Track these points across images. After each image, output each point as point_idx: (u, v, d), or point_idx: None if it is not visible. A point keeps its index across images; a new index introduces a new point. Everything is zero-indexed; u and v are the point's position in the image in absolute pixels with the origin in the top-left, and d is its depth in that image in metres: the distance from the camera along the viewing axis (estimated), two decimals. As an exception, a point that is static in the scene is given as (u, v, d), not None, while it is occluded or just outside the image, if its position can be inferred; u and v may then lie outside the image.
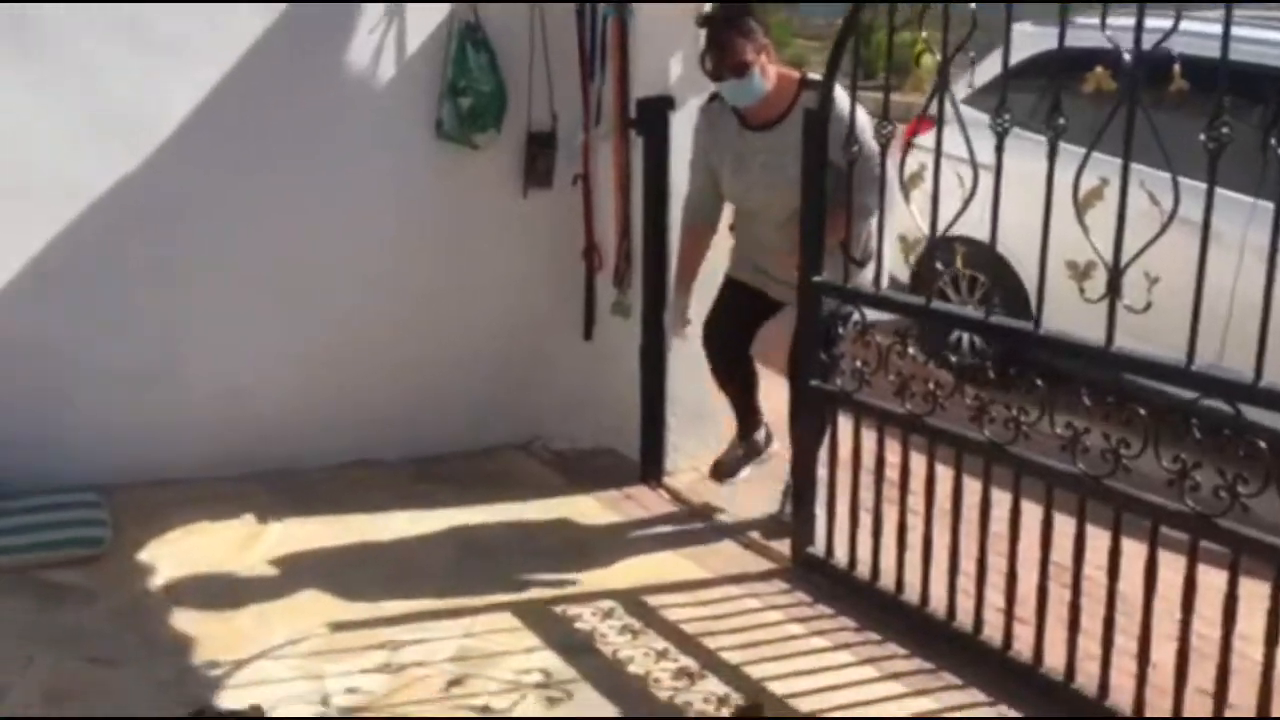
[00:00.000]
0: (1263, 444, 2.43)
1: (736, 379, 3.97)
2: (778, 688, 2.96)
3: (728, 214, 3.95)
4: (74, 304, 3.91)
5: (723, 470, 4.00)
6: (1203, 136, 2.39)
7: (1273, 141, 2.36)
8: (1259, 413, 2.48)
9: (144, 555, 3.60)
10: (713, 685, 3.00)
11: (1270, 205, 2.57)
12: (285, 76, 3.98)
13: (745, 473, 4.01)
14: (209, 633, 3.15)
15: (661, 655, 3.12)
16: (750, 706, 2.70)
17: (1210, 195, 2.44)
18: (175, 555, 3.60)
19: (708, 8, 3.71)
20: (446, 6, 4.13)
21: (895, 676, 3.05)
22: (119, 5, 3.75)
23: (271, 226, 4.08)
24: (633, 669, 3.06)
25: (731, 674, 3.04)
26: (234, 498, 3.97)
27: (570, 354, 4.49)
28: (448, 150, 4.22)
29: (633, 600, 3.39)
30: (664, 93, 4.07)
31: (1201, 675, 2.62)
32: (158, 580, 3.46)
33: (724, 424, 4.27)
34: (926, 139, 3.23)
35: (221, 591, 3.40)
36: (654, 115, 4.09)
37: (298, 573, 3.52)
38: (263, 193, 4.05)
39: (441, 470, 4.32)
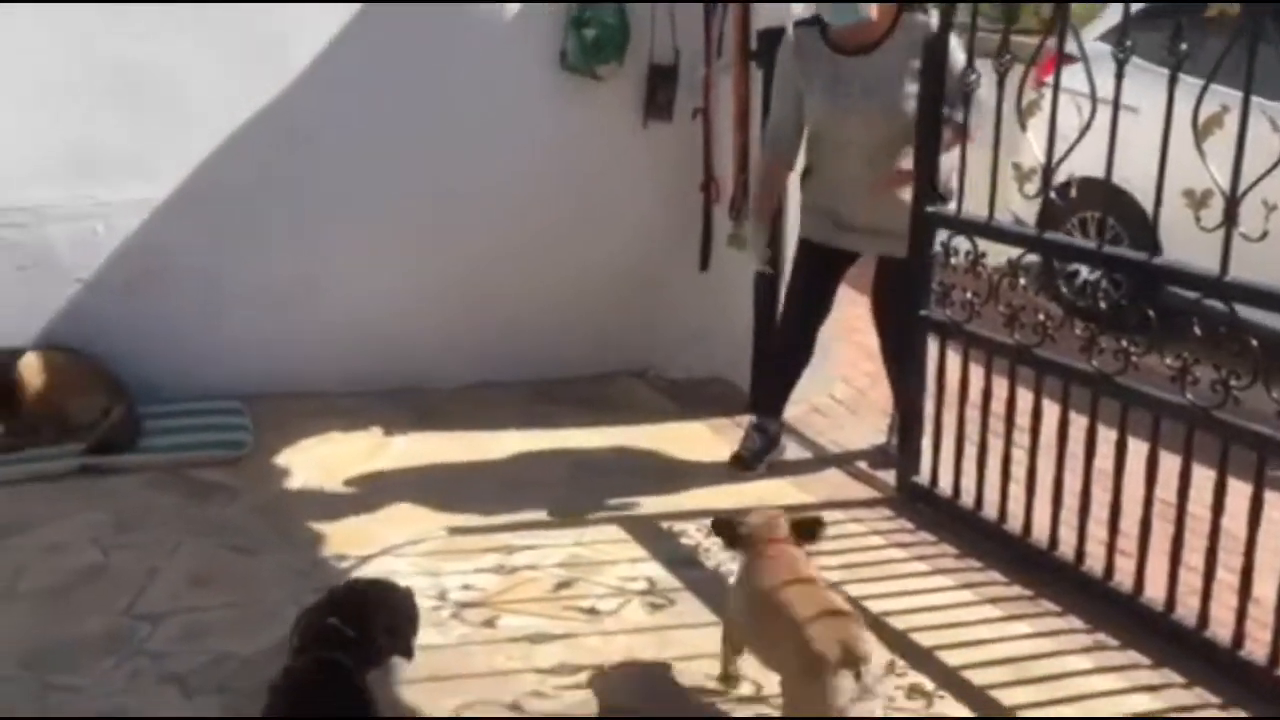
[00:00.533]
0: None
1: (793, 364, 3.93)
2: (874, 606, 3.03)
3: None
4: (222, 226, 4.17)
5: (744, 462, 3.85)
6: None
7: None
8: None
9: (281, 459, 3.86)
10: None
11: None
12: (419, 10, 4.12)
13: (763, 466, 3.86)
14: (338, 529, 3.38)
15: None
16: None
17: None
18: (310, 460, 3.85)
19: None
20: (571, -62, 4.22)
21: (993, 601, 3.10)
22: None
23: (403, 155, 4.26)
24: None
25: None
26: (363, 411, 4.21)
27: (686, 285, 4.58)
28: (571, 81, 4.33)
29: (737, 520, 3.50)
30: (785, 25, 4.08)
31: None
32: (294, 481, 3.72)
33: (837, 357, 4.31)
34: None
35: (350, 494, 3.63)
36: (775, 48, 4.11)
37: (420, 481, 3.73)
38: (396, 123, 4.23)
39: (558, 394, 4.48)
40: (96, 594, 3.00)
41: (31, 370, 3.85)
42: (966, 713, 2.62)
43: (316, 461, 3.85)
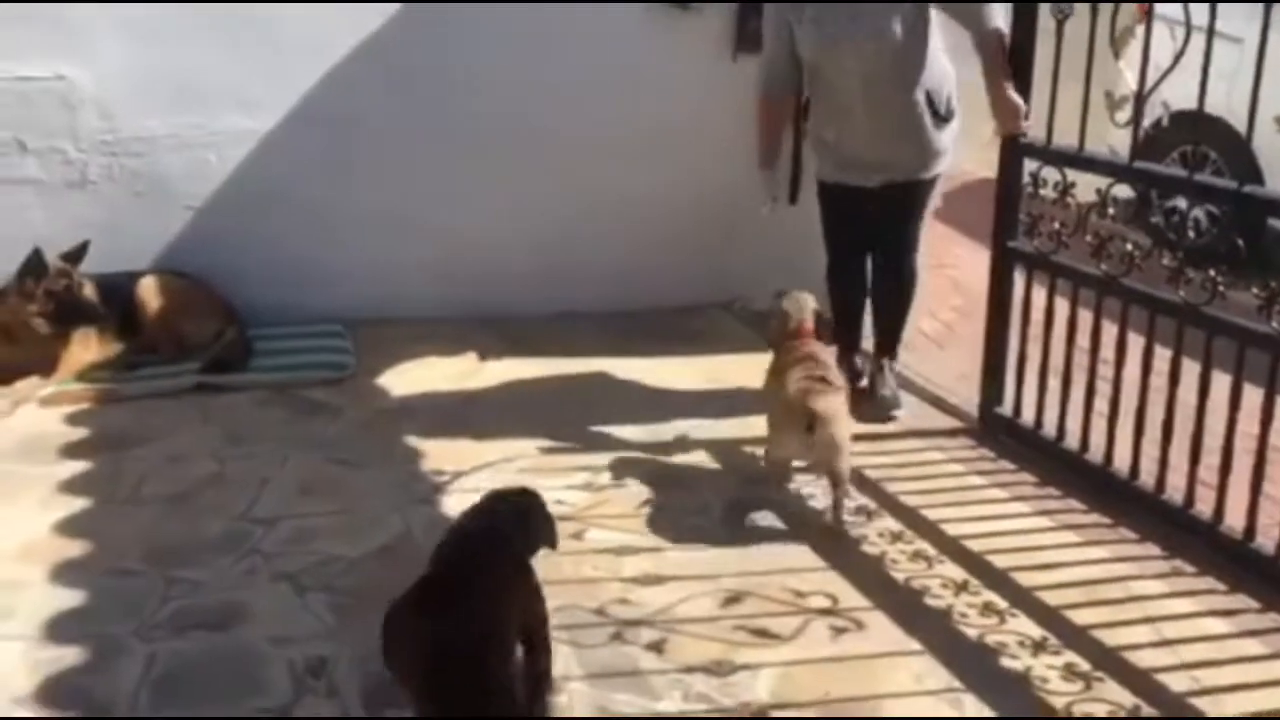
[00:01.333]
0: None
1: (849, 303, 3.98)
2: (951, 529, 3.10)
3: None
4: (325, 158, 4.34)
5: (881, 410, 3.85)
6: None
7: None
8: None
9: (382, 380, 4.04)
10: (889, 523, 3.18)
11: None
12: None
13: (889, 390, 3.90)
14: (435, 446, 3.55)
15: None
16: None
17: None
18: (408, 382, 4.03)
19: None
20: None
21: (1071, 528, 3.14)
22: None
23: (495, 91, 4.38)
24: (812, 504, 3.26)
25: (908, 515, 3.21)
26: (458, 337, 4.37)
27: (774, 217, 4.60)
28: (661, 12, 4.37)
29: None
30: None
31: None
32: (393, 401, 3.90)
33: (924, 290, 4.34)
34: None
35: (447, 414, 3.79)
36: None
37: (512, 403, 3.88)
38: (488, 59, 4.34)
39: (646, 324, 4.58)
40: (213, 500, 3.21)
41: (150, 292, 4.08)
42: (1034, 628, 2.69)
43: (414, 383, 4.03)
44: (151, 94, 4.15)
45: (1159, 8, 2.98)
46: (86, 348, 3.97)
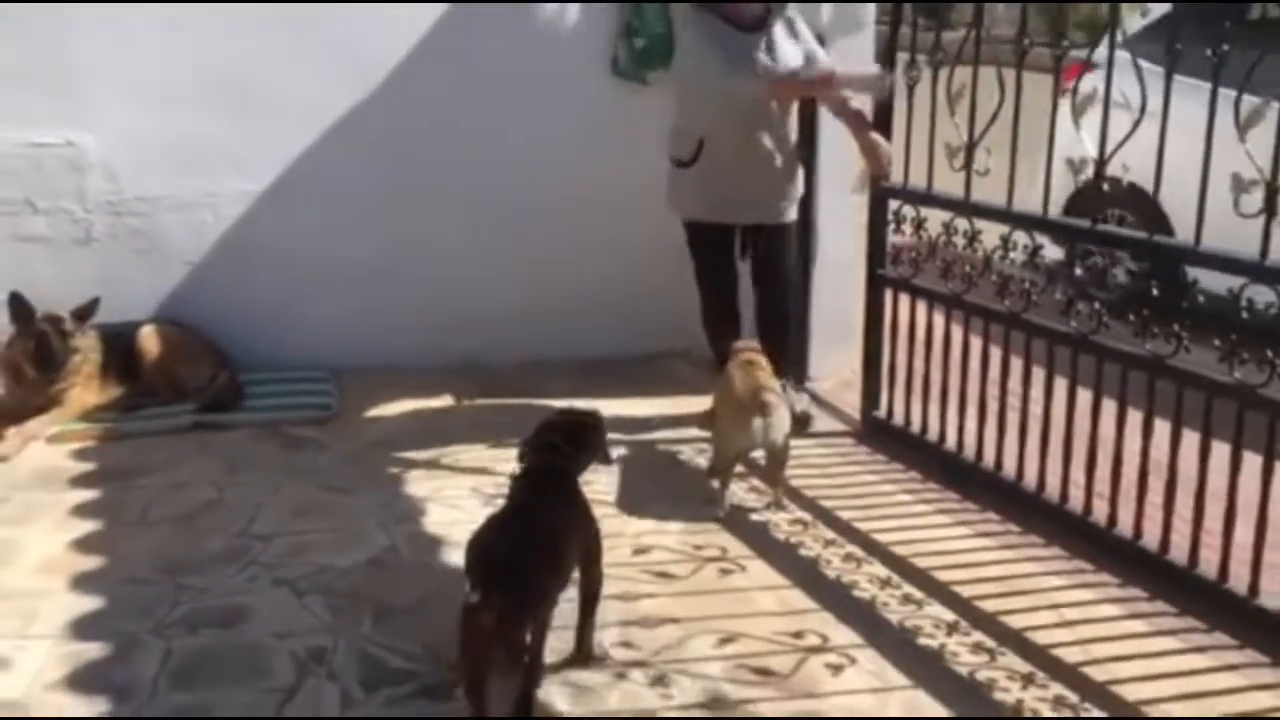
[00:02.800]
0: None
1: (733, 328, 4.37)
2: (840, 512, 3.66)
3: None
4: (311, 216, 4.70)
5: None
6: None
7: None
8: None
9: (364, 419, 4.38)
10: (797, 513, 3.66)
11: None
12: (485, 20, 4.64)
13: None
14: (415, 474, 3.89)
15: (754, 489, 3.84)
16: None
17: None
18: (389, 420, 4.38)
19: None
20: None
21: (943, 511, 3.72)
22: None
23: (471, 152, 4.76)
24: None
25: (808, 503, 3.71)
26: (435, 382, 4.71)
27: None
28: (622, 86, 4.81)
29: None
30: (817, 33, 4.50)
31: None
32: (375, 437, 4.23)
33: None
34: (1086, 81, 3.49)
35: (425, 447, 4.12)
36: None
37: (484, 437, 4.19)
38: (464, 123, 4.74)
39: (609, 370, 4.93)
40: (215, 521, 3.52)
41: (149, 340, 4.40)
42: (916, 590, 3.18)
43: (394, 421, 4.37)
44: (154, 158, 4.52)
45: (1093, 84, 3.37)
46: (90, 391, 4.28)
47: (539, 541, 2.55)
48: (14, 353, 4.19)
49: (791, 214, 4.34)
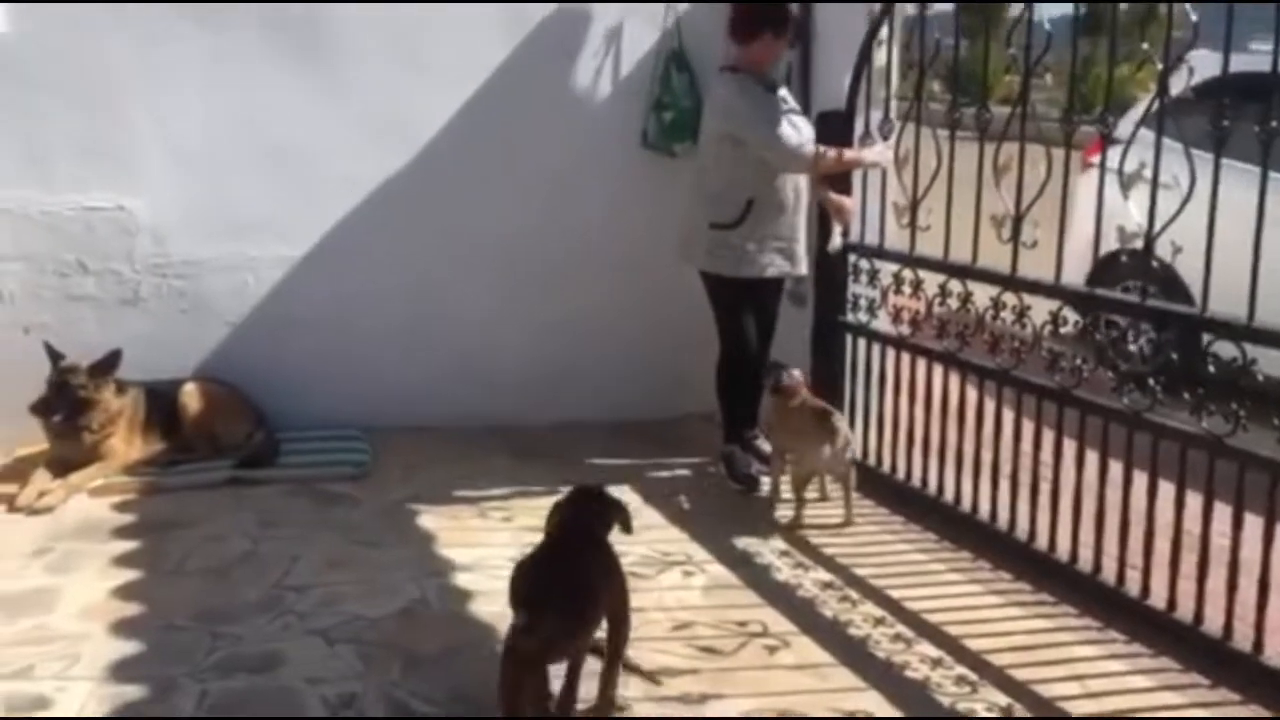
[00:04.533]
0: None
1: (756, 388, 4.46)
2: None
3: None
4: (347, 280, 4.85)
5: (754, 484, 4.42)
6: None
7: None
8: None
9: (396, 476, 4.48)
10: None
11: None
12: (521, 93, 4.82)
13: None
14: (445, 530, 3.97)
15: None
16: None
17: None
18: (420, 477, 4.47)
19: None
20: (657, 34, 4.88)
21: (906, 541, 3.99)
22: (397, 33, 4.68)
23: (505, 220, 4.92)
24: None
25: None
26: (465, 441, 4.82)
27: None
28: (651, 157, 4.97)
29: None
30: (840, 108, 4.66)
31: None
32: (407, 493, 4.32)
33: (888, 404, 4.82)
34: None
35: (455, 504, 4.21)
36: (836, 128, 4.67)
37: (513, 495, 4.29)
38: (499, 192, 4.90)
39: (635, 431, 5.03)
40: (250, 572, 3.61)
41: (191, 398, 4.54)
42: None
43: (425, 478, 4.46)
44: (200, 223, 4.70)
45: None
46: (131, 445, 4.41)
47: (579, 578, 2.71)
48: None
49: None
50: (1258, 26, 3.29)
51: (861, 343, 4.48)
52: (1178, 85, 3.37)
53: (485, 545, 3.85)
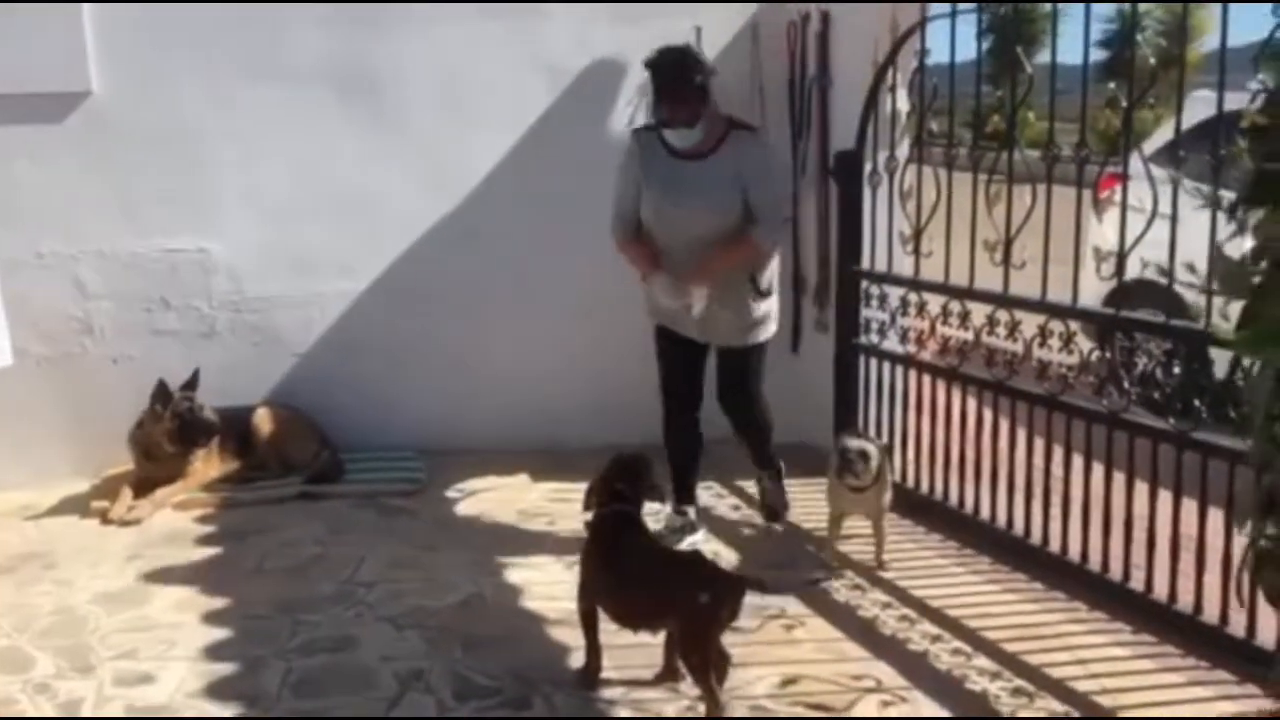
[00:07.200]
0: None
1: (686, 445, 4.38)
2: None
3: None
4: (404, 312, 5.27)
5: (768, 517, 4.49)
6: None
7: None
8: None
9: (450, 492, 4.86)
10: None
11: None
12: (561, 139, 5.23)
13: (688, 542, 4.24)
14: (497, 538, 4.35)
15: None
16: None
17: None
18: (472, 493, 4.84)
19: (654, 53, 4.04)
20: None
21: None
22: (447, 87, 5.13)
23: (550, 253, 5.30)
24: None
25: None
26: (513, 462, 5.16)
27: (781, 363, 5.43)
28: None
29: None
30: (851, 148, 5.03)
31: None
32: (461, 508, 4.71)
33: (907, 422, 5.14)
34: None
35: (505, 517, 4.59)
36: (848, 165, 5.04)
37: (556, 513, 4.63)
38: (542, 229, 5.30)
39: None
40: (323, 570, 4.01)
41: (262, 421, 4.96)
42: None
43: (477, 494, 4.84)
44: (271, 263, 5.14)
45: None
46: (210, 464, 4.83)
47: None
48: (146, 431, 4.75)
49: (750, 339, 4.30)
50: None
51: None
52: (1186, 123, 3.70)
53: (532, 549, 4.21)
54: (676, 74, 3.95)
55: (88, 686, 3.20)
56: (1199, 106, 4.21)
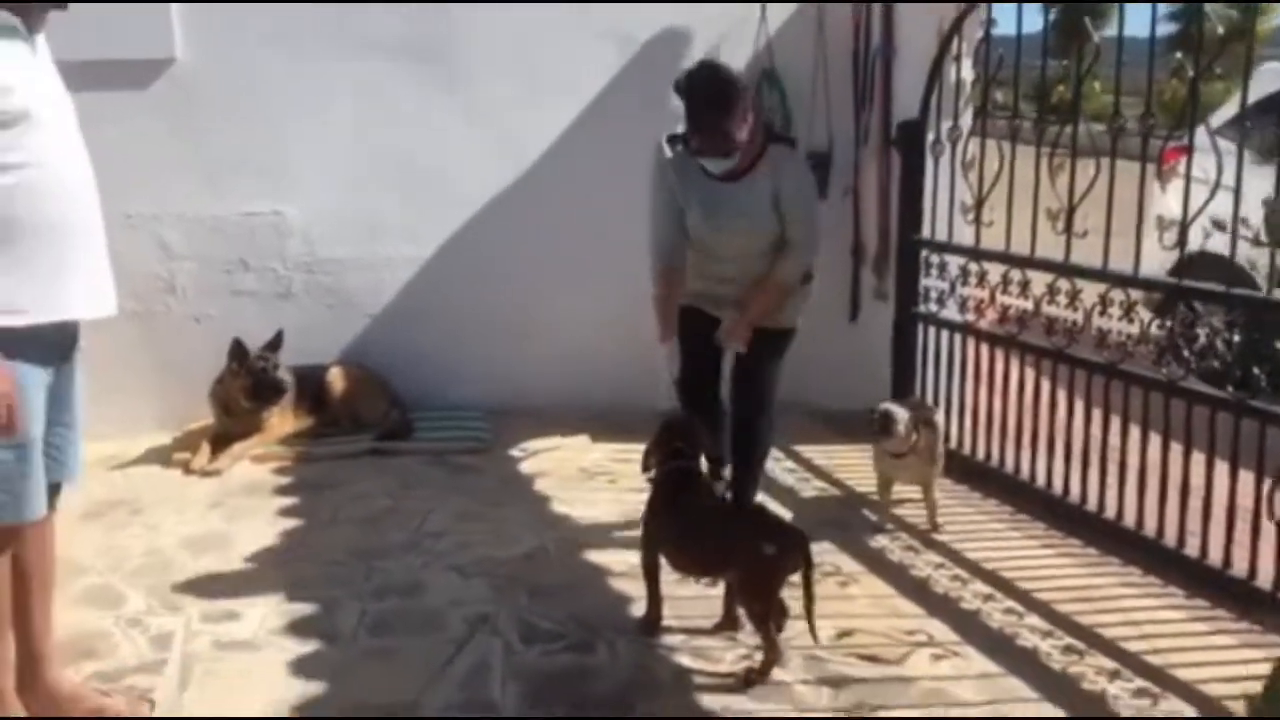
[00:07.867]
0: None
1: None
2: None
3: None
4: (469, 277, 5.41)
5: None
6: None
7: None
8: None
9: (514, 451, 5.01)
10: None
11: None
12: (625, 108, 5.32)
13: None
14: (559, 495, 4.49)
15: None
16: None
17: None
18: (535, 453, 4.99)
19: (685, 75, 3.82)
20: (749, 53, 5.35)
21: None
22: (516, 55, 5.24)
23: (607, 222, 5.40)
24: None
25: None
26: (573, 423, 5.29)
27: (840, 331, 5.53)
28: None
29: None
30: (914, 118, 5.07)
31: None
32: (524, 466, 4.86)
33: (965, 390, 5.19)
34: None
35: (566, 475, 4.73)
36: (910, 135, 5.09)
37: (616, 471, 4.76)
38: (602, 198, 5.39)
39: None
40: (394, 521, 4.18)
41: (335, 379, 5.15)
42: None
43: (540, 453, 4.98)
44: (343, 228, 5.31)
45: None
46: (285, 420, 5.02)
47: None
48: (225, 387, 4.95)
49: (784, 322, 4.05)
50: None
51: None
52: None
53: (594, 506, 4.35)
54: (712, 104, 3.58)
55: (176, 621, 3.38)
56: (1267, 78, 4.22)
